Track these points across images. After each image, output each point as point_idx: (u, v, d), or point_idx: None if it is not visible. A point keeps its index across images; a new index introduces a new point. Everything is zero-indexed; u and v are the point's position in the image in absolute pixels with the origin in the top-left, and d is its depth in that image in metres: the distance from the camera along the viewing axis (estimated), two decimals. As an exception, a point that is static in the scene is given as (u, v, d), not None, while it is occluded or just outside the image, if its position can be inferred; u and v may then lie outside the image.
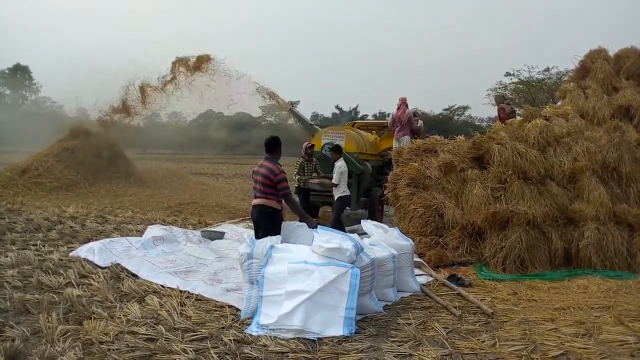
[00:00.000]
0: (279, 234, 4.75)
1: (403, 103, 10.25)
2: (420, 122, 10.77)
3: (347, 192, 7.94)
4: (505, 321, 4.13)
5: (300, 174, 8.45)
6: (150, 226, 7.40)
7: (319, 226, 4.80)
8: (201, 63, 13.38)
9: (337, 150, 8.02)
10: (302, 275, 3.91)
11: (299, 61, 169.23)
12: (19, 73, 54.73)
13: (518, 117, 9.62)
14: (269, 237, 4.54)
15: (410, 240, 5.42)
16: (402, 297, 4.88)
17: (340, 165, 7.72)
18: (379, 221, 6.76)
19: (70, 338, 3.54)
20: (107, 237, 7.14)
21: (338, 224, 7.37)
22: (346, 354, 3.42)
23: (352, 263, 4.01)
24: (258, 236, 5.08)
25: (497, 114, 10.43)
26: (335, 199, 7.85)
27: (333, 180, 7.74)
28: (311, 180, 8.36)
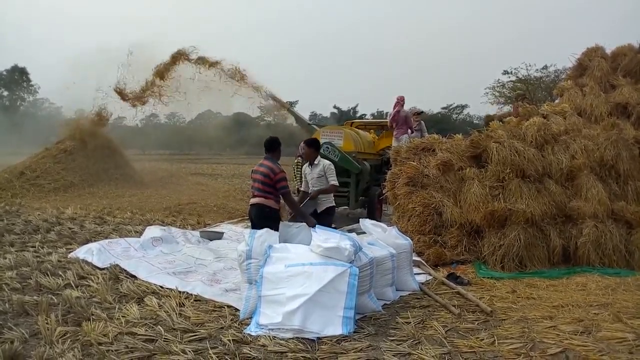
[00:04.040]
0: None
1: (398, 102, 10.17)
2: (422, 123, 10.71)
3: (333, 202, 6.41)
4: (504, 319, 4.13)
5: (301, 176, 8.37)
6: (149, 227, 7.40)
7: (317, 226, 4.79)
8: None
9: (314, 145, 6.28)
10: (300, 278, 3.91)
11: (297, 61, 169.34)
12: (17, 74, 54.61)
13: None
14: (266, 230, 4.52)
15: (409, 239, 5.42)
16: (401, 296, 4.88)
17: (330, 164, 6.27)
18: (377, 220, 6.76)
19: (69, 339, 3.54)
20: (106, 238, 7.13)
21: None
22: (345, 354, 3.42)
23: (350, 262, 4.01)
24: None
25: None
26: (321, 209, 6.17)
27: (332, 182, 6.10)
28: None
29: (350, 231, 5.55)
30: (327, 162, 6.32)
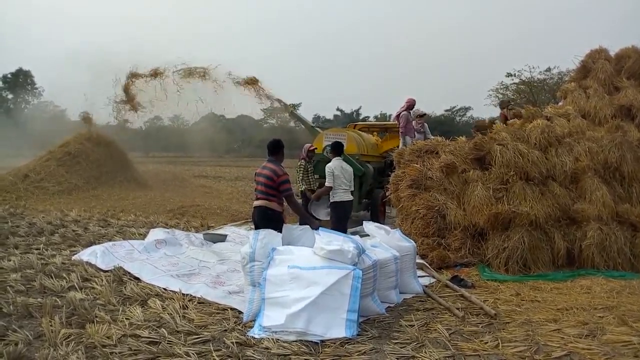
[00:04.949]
0: None
1: (403, 105, 10.16)
2: (425, 126, 10.67)
3: (343, 198, 6.71)
4: (508, 322, 4.12)
5: (304, 178, 8.41)
6: (153, 229, 7.43)
7: (320, 228, 4.79)
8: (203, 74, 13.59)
9: (334, 149, 6.87)
10: (304, 281, 3.91)
11: (298, 61, 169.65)
12: (21, 77, 54.88)
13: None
14: (268, 231, 4.52)
15: (413, 241, 5.41)
16: (404, 299, 4.87)
17: (329, 165, 6.68)
18: (381, 223, 6.76)
19: (73, 341, 3.55)
20: (110, 240, 7.15)
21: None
22: (348, 356, 3.42)
23: (354, 265, 4.00)
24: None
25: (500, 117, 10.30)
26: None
27: (326, 184, 6.68)
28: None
29: (353, 233, 5.55)
30: (329, 164, 6.75)
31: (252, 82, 12.86)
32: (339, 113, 60.11)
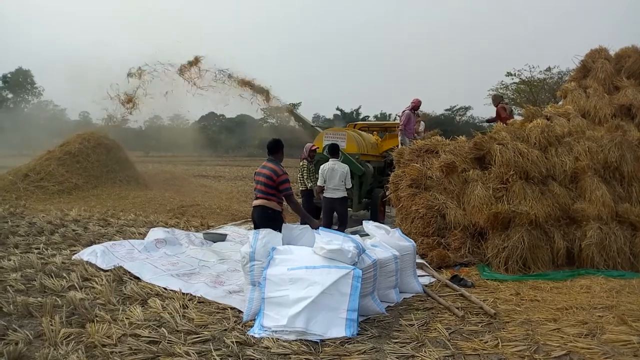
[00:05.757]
0: None
1: (409, 105, 10.21)
2: (422, 124, 10.74)
3: (327, 195, 7.45)
4: (508, 321, 4.12)
5: (309, 177, 8.40)
6: (153, 229, 7.43)
7: (320, 227, 4.79)
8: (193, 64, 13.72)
9: (329, 151, 7.62)
10: (304, 280, 3.91)
11: (300, 62, 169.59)
12: (21, 77, 54.82)
13: (519, 117, 9.59)
14: (268, 231, 4.53)
15: (412, 241, 5.41)
16: (404, 298, 4.88)
17: (321, 167, 7.45)
18: (381, 222, 6.76)
19: (73, 341, 3.55)
20: (110, 240, 7.16)
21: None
22: (348, 356, 3.42)
23: (353, 264, 4.01)
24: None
25: (496, 114, 10.21)
26: None
27: (318, 183, 7.49)
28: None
29: (353, 233, 5.55)
30: (325, 165, 7.36)
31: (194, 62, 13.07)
32: (338, 112, 60.11)
